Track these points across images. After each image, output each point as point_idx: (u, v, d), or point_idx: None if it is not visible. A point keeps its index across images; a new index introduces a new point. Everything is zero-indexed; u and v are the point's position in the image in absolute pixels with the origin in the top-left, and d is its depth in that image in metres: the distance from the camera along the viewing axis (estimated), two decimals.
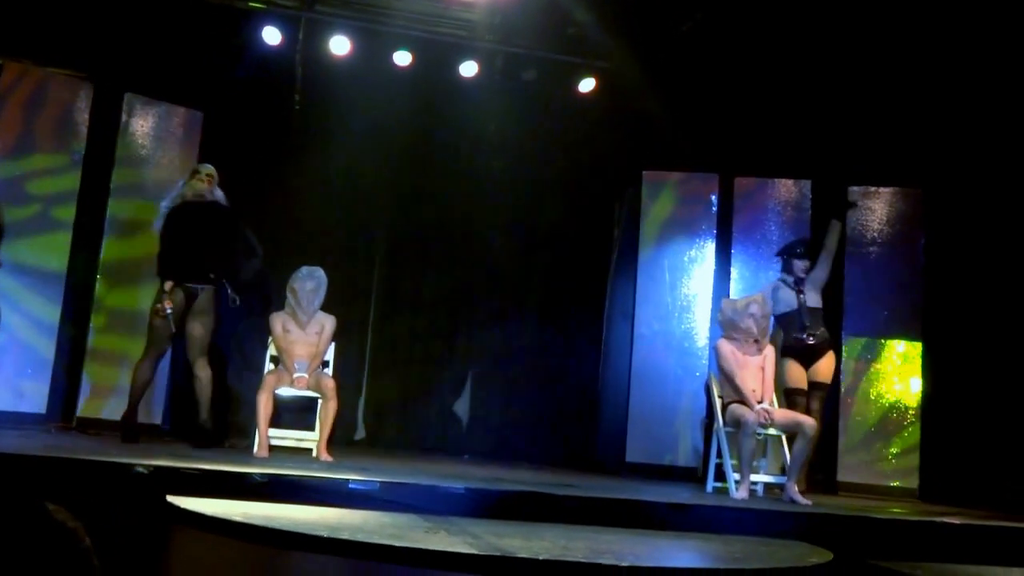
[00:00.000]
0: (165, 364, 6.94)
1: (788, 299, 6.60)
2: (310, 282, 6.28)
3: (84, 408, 6.77)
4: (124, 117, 7.17)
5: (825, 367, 6.54)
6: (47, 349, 6.70)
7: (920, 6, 6.44)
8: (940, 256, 7.37)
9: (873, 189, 7.67)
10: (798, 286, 6.58)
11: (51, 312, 6.73)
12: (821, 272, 6.64)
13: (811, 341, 6.51)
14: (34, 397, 6.63)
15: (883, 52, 6.96)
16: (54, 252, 6.76)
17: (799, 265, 6.62)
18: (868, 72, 7.14)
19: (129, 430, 5.96)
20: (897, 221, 7.61)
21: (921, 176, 7.51)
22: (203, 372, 6.07)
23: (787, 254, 6.74)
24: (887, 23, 6.68)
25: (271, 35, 7.41)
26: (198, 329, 6.05)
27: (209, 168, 6.36)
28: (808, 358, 6.51)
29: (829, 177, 7.70)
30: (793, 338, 6.53)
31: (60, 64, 6.99)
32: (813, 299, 6.60)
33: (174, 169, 7.20)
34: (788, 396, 6.49)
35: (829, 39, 7.02)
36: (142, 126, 7.25)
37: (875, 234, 7.61)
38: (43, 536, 1.05)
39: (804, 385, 6.48)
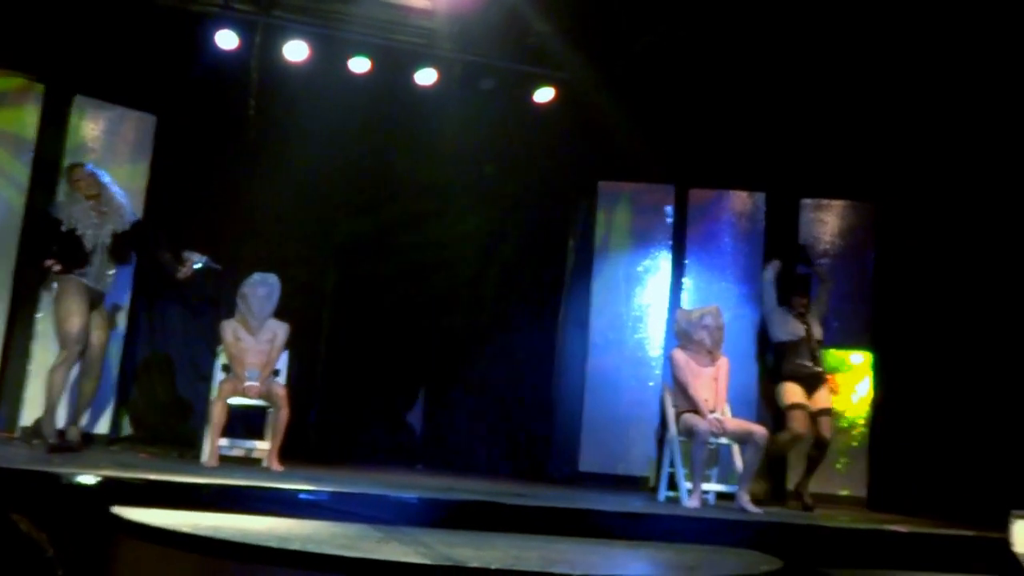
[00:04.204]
0: (112, 369, 6.86)
1: (795, 328, 6.72)
2: (262, 288, 6.22)
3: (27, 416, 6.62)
4: (74, 119, 7.05)
5: (827, 393, 6.72)
6: None
7: (872, 23, 6.53)
8: (890, 268, 7.48)
9: (826, 202, 7.76)
10: (803, 318, 6.73)
11: None
12: (823, 307, 6.97)
13: (818, 369, 6.62)
14: None
15: (836, 67, 7.05)
16: (2, 258, 6.63)
17: (799, 301, 6.79)
18: (822, 87, 7.24)
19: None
20: (848, 233, 7.71)
21: (872, 190, 7.62)
22: None
23: (787, 290, 6.84)
24: (840, 39, 6.77)
25: (227, 39, 7.32)
26: None
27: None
28: (810, 385, 6.60)
29: (783, 189, 7.79)
30: (799, 364, 6.63)
31: (9, 66, 6.85)
32: (818, 331, 6.80)
33: (126, 174, 7.09)
34: (790, 411, 6.55)
35: (784, 54, 7.10)
36: (93, 129, 7.13)
37: (827, 246, 7.70)
38: (10, 546, 1.03)
39: (804, 400, 6.56)
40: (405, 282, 8.44)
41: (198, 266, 6.08)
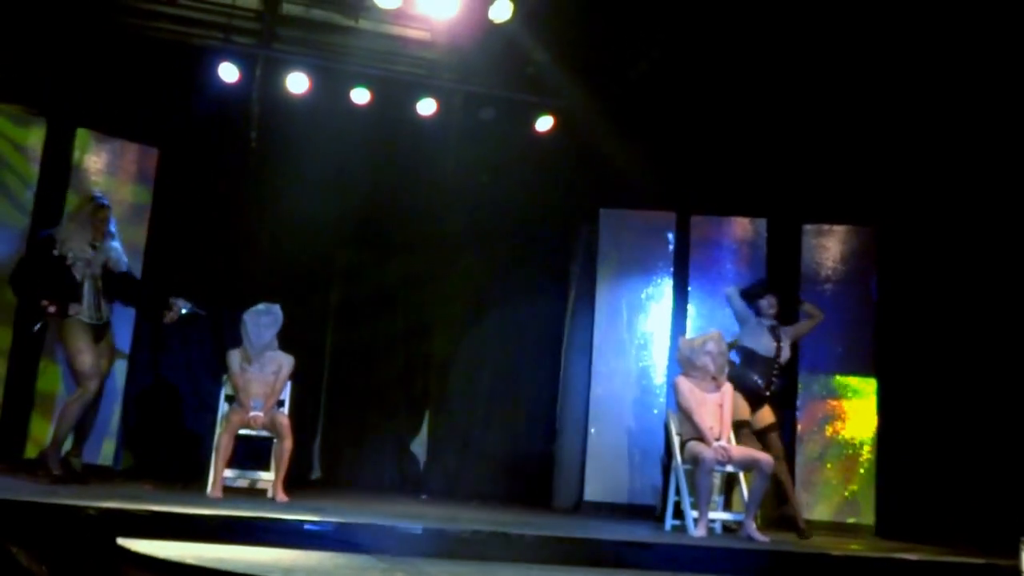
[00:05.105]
0: (115, 400, 6.84)
1: (768, 345, 6.58)
2: (265, 317, 6.21)
3: (30, 449, 6.60)
4: (77, 153, 7.07)
5: (769, 410, 6.59)
6: None
7: (871, 48, 6.56)
8: (893, 293, 7.46)
9: (827, 227, 7.77)
10: (776, 334, 6.61)
11: None
12: (802, 330, 6.81)
13: (766, 393, 6.54)
14: None
15: (836, 93, 7.08)
16: (6, 290, 6.62)
17: (766, 303, 6.64)
18: (823, 112, 7.26)
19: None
20: (851, 258, 7.71)
21: (874, 214, 7.63)
22: None
23: (751, 297, 6.71)
24: (841, 63, 6.80)
25: (228, 72, 7.37)
26: None
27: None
28: (753, 402, 6.52)
29: (784, 215, 7.80)
30: (753, 380, 6.52)
31: (11, 99, 6.88)
32: (787, 352, 6.66)
33: (128, 207, 7.11)
34: (735, 429, 6.49)
35: (784, 79, 7.13)
36: (95, 163, 7.15)
37: (829, 271, 7.69)
38: None
39: (748, 417, 6.49)
40: (406, 312, 8.45)
41: (184, 312, 6.18)
